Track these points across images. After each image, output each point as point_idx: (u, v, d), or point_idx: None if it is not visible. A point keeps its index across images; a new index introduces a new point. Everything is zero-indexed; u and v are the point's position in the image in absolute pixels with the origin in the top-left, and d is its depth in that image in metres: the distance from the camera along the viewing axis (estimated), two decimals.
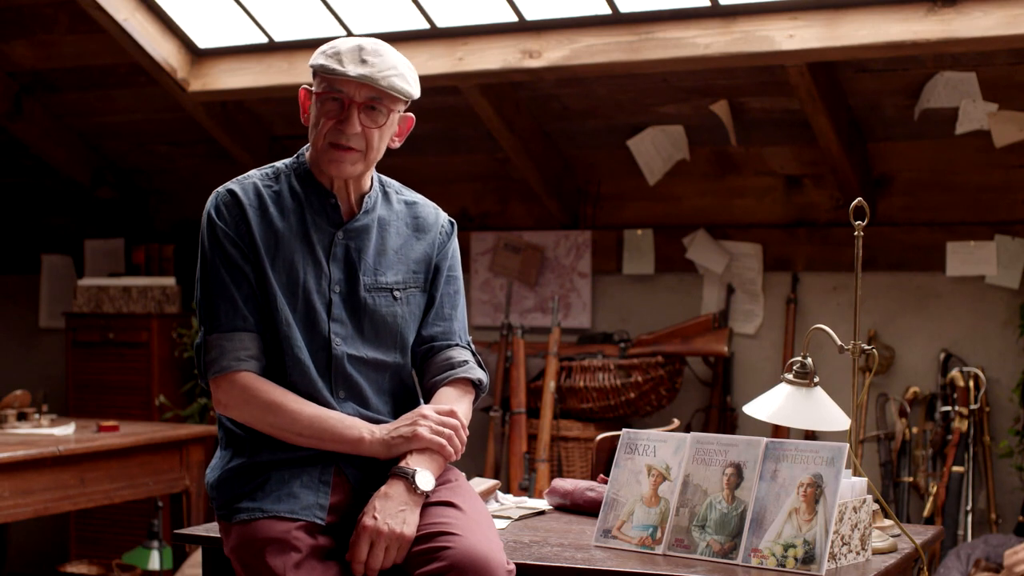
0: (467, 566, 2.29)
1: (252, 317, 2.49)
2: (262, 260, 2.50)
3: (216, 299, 2.50)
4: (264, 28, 5.27)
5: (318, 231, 2.54)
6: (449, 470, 2.58)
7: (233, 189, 2.55)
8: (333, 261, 2.54)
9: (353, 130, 2.48)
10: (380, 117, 2.51)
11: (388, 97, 2.50)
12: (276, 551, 2.37)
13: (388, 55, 2.50)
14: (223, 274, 2.49)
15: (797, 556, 2.32)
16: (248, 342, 2.49)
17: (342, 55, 2.48)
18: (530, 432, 5.14)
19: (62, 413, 5.70)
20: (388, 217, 2.62)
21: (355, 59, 2.47)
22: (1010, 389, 4.80)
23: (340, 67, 2.47)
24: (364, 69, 2.46)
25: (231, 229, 2.50)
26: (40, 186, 6.55)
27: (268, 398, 2.47)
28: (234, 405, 2.49)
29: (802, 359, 2.57)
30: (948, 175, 4.88)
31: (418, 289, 2.63)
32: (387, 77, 2.48)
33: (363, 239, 2.57)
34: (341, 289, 2.54)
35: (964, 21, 4.21)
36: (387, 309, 2.57)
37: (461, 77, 4.88)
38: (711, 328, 5.05)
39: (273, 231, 2.52)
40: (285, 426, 2.46)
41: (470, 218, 5.64)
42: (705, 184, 5.25)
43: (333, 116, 2.50)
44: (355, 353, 2.53)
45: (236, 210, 2.52)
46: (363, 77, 2.46)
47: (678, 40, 4.58)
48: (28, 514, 4.17)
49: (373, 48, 2.50)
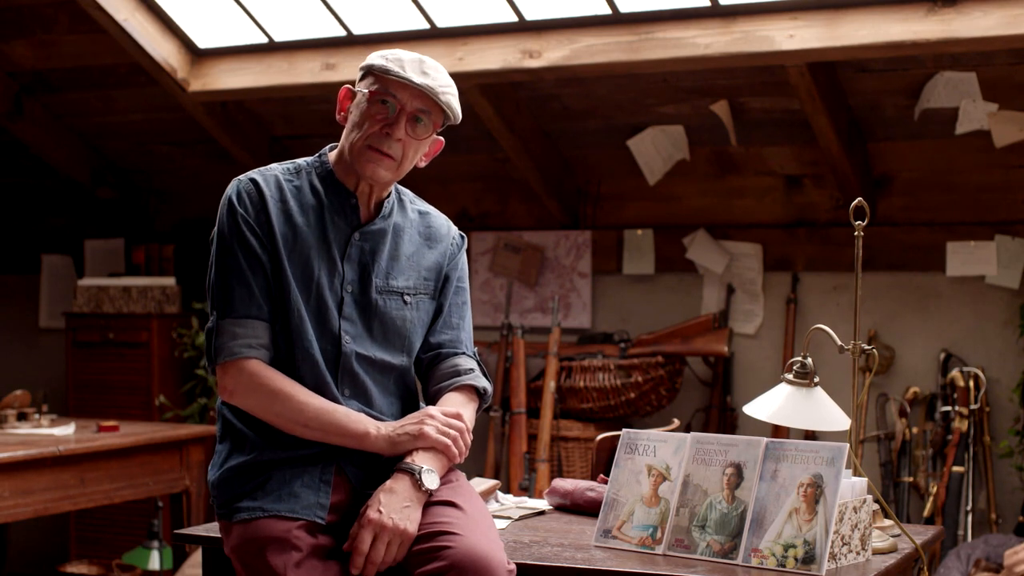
0: (468, 566, 2.29)
1: (266, 306, 2.50)
2: (279, 251, 2.51)
3: (232, 284, 2.50)
4: (264, 28, 5.27)
5: (335, 230, 2.56)
6: (450, 470, 2.58)
7: (255, 179, 2.56)
8: (347, 261, 2.56)
9: (398, 136, 2.51)
10: (423, 130, 2.55)
11: (438, 112, 2.55)
12: (277, 550, 2.37)
13: (444, 74, 2.56)
14: (240, 260, 2.50)
15: (797, 556, 2.32)
16: (260, 330, 2.49)
17: (404, 62, 2.52)
18: (530, 432, 5.14)
19: (62, 413, 5.70)
20: (403, 224, 2.64)
21: (417, 69, 2.51)
22: (1010, 389, 4.80)
23: (403, 72, 2.50)
24: (426, 80, 2.50)
25: (251, 217, 2.51)
26: (40, 186, 6.55)
27: (275, 386, 2.47)
28: (240, 392, 2.49)
29: (802, 359, 2.57)
30: (948, 175, 4.88)
31: (427, 296, 2.65)
32: (445, 93, 2.53)
33: (378, 242, 2.59)
34: (353, 289, 2.56)
35: (964, 21, 4.21)
36: (397, 312, 2.58)
37: (461, 77, 4.87)
38: (711, 328, 5.05)
39: (292, 224, 2.53)
40: (291, 416, 2.46)
41: (470, 218, 5.64)
42: (705, 184, 5.25)
43: (380, 119, 2.51)
44: (363, 352, 2.54)
45: (258, 199, 2.53)
46: (425, 87, 2.50)
47: (678, 40, 4.58)
48: (28, 514, 4.17)
49: (433, 64, 2.55)
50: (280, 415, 2.47)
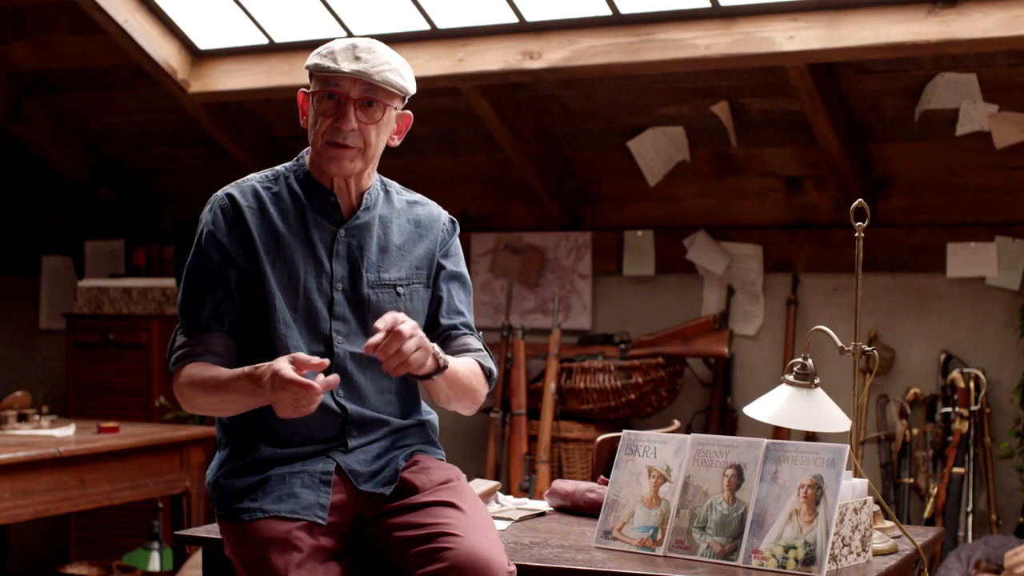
0: (468, 567, 2.29)
1: (227, 319, 2.52)
2: (261, 261, 2.51)
3: (188, 299, 2.54)
4: (264, 29, 5.27)
5: (319, 230, 2.56)
6: (450, 470, 2.58)
7: (232, 193, 2.58)
8: (336, 259, 2.56)
9: (350, 127, 2.50)
10: (376, 113, 2.53)
11: (383, 92, 2.52)
12: (278, 551, 2.37)
13: (382, 52, 2.53)
14: (199, 276, 2.53)
15: (798, 557, 2.32)
16: (212, 340, 2.51)
17: (336, 53, 2.51)
18: (530, 433, 5.14)
19: (62, 414, 5.70)
20: (390, 215, 2.63)
21: (349, 56, 2.50)
22: (1010, 390, 4.80)
23: (335, 64, 2.49)
24: (358, 65, 2.49)
25: (221, 234, 2.53)
26: (40, 187, 6.55)
27: (200, 378, 2.47)
28: (182, 396, 2.52)
29: (803, 360, 2.56)
30: (949, 176, 4.88)
31: (421, 285, 2.64)
32: (381, 72, 2.50)
33: (365, 236, 2.59)
34: (344, 286, 2.55)
35: (964, 22, 4.21)
36: (390, 305, 2.58)
37: (461, 78, 4.88)
38: (711, 329, 5.05)
39: (273, 232, 2.53)
40: (217, 398, 2.45)
41: (470, 219, 5.64)
42: (705, 185, 5.25)
43: (330, 114, 2.51)
44: (357, 350, 2.54)
45: (232, 213, 2.54)
46: (357, 73, 2.48)
47: (678, 41, 4.58)
48: (28, 515, 4.17)
49: (367, 46, 2.53)
50: (210, 404, 2.48)
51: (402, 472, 2.53)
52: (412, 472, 2.54)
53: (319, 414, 2.51)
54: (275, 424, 2.52)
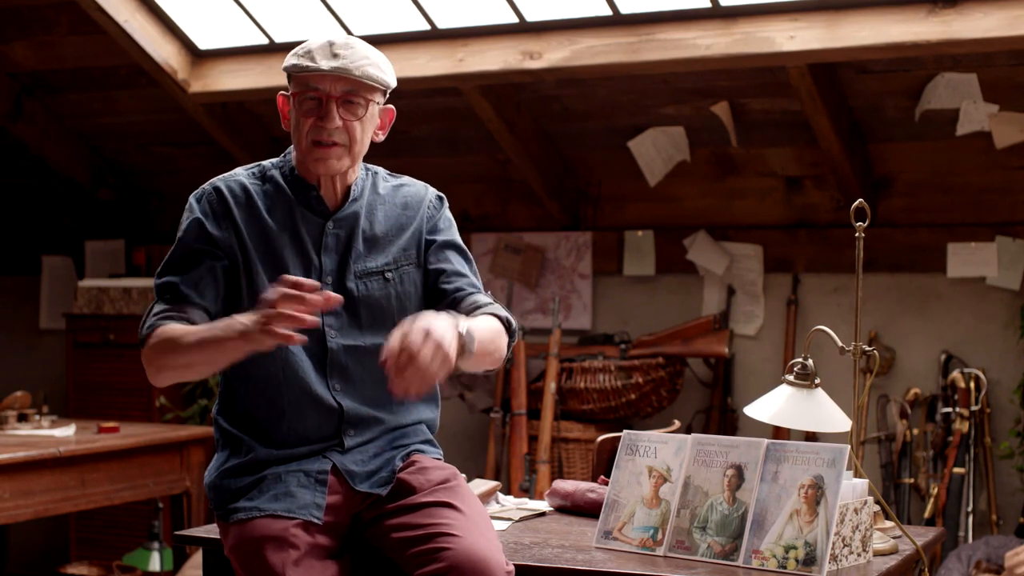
0: (467, 567, 2.29)
1: (207, 294, 2.49)
2: (250, 255, 2.51)
3: (169, 270, 2.53)
4: (265, 29, 5.27)
5: (307, 224, 2.56)
6: (447, 470, 2.58)
7: (219, 186, 2.58)
8: (325, 252, 2.56)
9: (334, 125, 2.49)
10: (359, 109, 2.52)
11: (364, 87, 2.51)
12: (275, 548, 2.37)
13: (359, 47, 2.52)
14: (182, 256, 2.52)
15: (798, 558, 2.32)
16: (190, 310, 2.47)
17: (313, 52, 2.50)
18: (531, 433, 5.14)
19: (62, 414, 5.69)
20: (375, 201, 2.62)
21: (327, 54, 2.49)
22: (1011, 390, 4.80)
23: (313, 63, 2.48)
24: (337, 62, 2.48)
25: (208, 225, 2.52)
26: (41, 187, 6.55)
27: (172, 335, 2.42)
28: (149, 359, 2.46)
29: (803, 360, 2.56)
30: (949, 176, 4.88)
31: (411, 266, 2.62)
32: (361, 67, 2.49)
33: (352, 227, 2.58)
34: (333, 279, 2.55)
35: (965, 22, 4.21)
36: (380, 292, 2.57)
37: (461, 78, 4.88)
38: (712, 329, 5.05)
39: (260, 226, 2.53)
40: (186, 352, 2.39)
41: (471, 219, 5.64)
42: (706, 185, 5.25)
43: (312, 114, 2.51)
44: (351, 343, 2.53)
45: (220, 206, 2.54)
46: (337, 69, 2.47)
47: (679, 41, 4.58)
48: (28, 515, 4.16)
49: (344, 42, 2.52)
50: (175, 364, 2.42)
51: (400, 473, 2.53)
52: (410, 472, 2.53)
53: (315, 413, 2.51)
54: (272, 425, 2.52)
